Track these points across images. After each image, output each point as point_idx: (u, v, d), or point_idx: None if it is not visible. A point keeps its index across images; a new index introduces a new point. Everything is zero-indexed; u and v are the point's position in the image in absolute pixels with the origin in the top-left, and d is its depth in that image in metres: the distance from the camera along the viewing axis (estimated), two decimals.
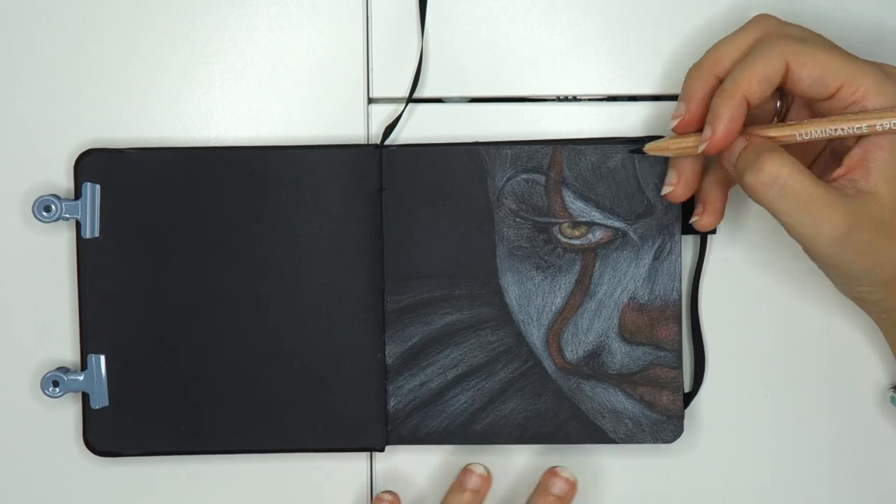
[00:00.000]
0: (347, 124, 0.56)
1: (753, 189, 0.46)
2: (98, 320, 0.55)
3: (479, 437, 0.55)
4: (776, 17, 0.49)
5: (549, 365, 0.55)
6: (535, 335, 0.55)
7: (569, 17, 0.55)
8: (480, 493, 0.54)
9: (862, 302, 0.50)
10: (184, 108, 0.56)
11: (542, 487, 0.54)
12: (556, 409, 0.55)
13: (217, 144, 0.56)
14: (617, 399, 0.55)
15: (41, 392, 0.55)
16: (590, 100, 0.56)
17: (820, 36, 0.48)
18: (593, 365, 0.55)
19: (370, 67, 0.56)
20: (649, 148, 0.51)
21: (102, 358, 0.55)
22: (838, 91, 0.46)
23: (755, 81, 0.46)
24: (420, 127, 0.56)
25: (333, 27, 0.55)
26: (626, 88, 0.56)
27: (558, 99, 0.56)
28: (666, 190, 0.52)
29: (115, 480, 0.57)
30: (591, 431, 0.55)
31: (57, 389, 0.55)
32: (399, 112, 0.55)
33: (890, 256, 0.47)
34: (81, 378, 0.55)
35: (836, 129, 0.46)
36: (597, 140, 0.54)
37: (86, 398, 0.55)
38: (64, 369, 0.55)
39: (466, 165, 0.54)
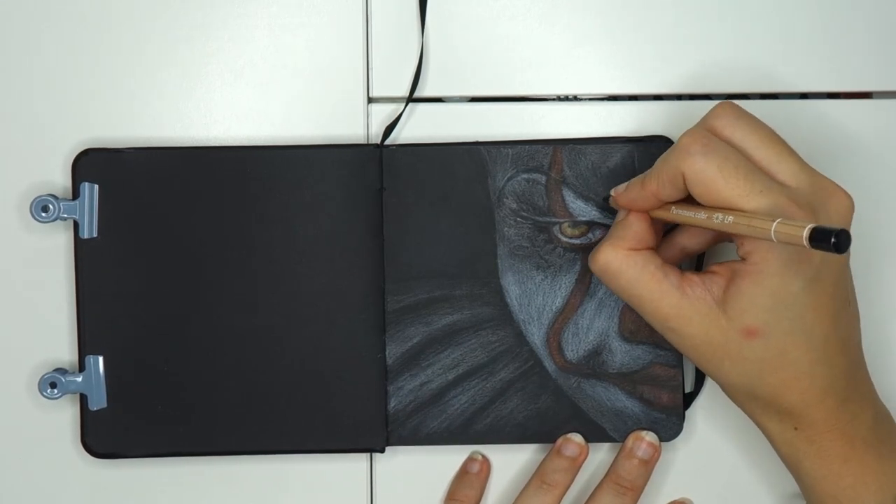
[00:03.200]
0: (347, 124, 0.56)
1: (591, 266, 0.50)
2: (96, 321, 0.55)
3: (479, 437, 0.55)
4: (732, 110, 0.48)
5: (549, 364, 0.55)
6: (536, 335, 0.55)
7: (569, 17, 0.55)
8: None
9: None
10: (183, 108, 0.56)
11: (626, 451, 0.55)
12: (557, 409, 0.55)
13: (217, 144, 0.55)
14: (617, 398, 0.55)
15: (39, 394, 0.55)
16: (590, 99, 0.56)
17: (766, 138, 0.47)
18: (594, 364, 0.55)
19: (370, 67, 0.56)
20: (611, 201, 0.53)
21: (101, 359, 0.55)
22: (724, 210, 0.46)
23: (660, 185, 0.48)
24: (420, 127, 0.56)
25: (333, 27, 0.55)
26: (626, 88, 0.56)
27: (558, 99, 0.56)
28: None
29: (113, 482, 0.56)
30: (591, 430, 0.55)
31: (55, 391, 0.55)
32: (399, 112, 0.55)
33: (715, 371, 0.49)
34: (79, 379, 0.55)
35: (712, 219, 0.46)
36: (597, 140, 0.55)
37: (84, 400, 0.55)
38: (62, 370, 0.55)
39: (467, 165, 0.55)
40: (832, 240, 0.40)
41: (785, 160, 0.47)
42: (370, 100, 0.56)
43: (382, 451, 0.55)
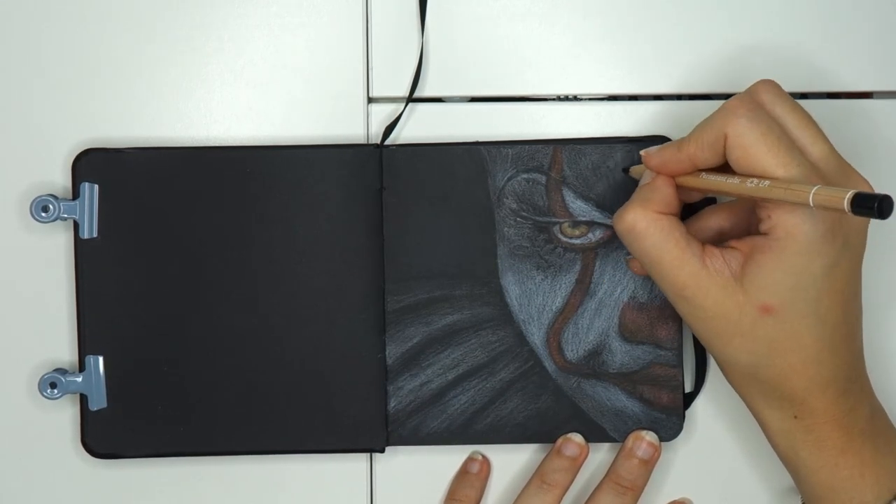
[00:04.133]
0: (347, 124, 0.56)
1: (614, 227, 0.49)
2: (96, 321, 0.55)
3: (479, 437, 0.55)
4: (773, 88, 0.48)
5: (549, 364, 0.55)
6: (536, 335, 0.55)
7: (569, 17, 0.55)
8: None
9: None
10: (183, 108, 0.56)
11: (626, 451, 0.55)
12: (557, 409, 0.55)
13: (217, 144, 0.55)
14: (617, 398, 0.55)
15: (39, 394, 0.55)
16: (590, 99, 0.56)
17: (803, 120, 0.48)
18: (594, 364, 0.55)
19: (370, 67, 0.56)
20: (633, 171, 0.53)
21: (101, 359, 0.55)
22: (751, 176, 0.46)
23: (699, 148, 0.48)
24: (420, 127, 0.56)
25: (333, 27, 0.55)
26: (626, 88, 0.56)
27: (558, 99, 0.56)
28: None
29: (113, 482, 0.56)
30: (591, 430, 0.55)
31: (55, 391, 0.55)
32: (399, 112, 0.55)
33: (723, 347, 0.48)
34: (79, 379, 0.55)
35: (746, 182, 0.46)
36: (597, 140, 0.55)
37: (84, 400, 0.55)
38: (62, 371, 0.55)
39: (467, 165, 0.54)
40: (875, 205, 0.39)
41: (819, 143, 0.47)
42: (370, 100, 0.56)
43: (382, 451, 0.55)
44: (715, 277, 0.47)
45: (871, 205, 0.40)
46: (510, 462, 0.57)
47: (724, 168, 0.48)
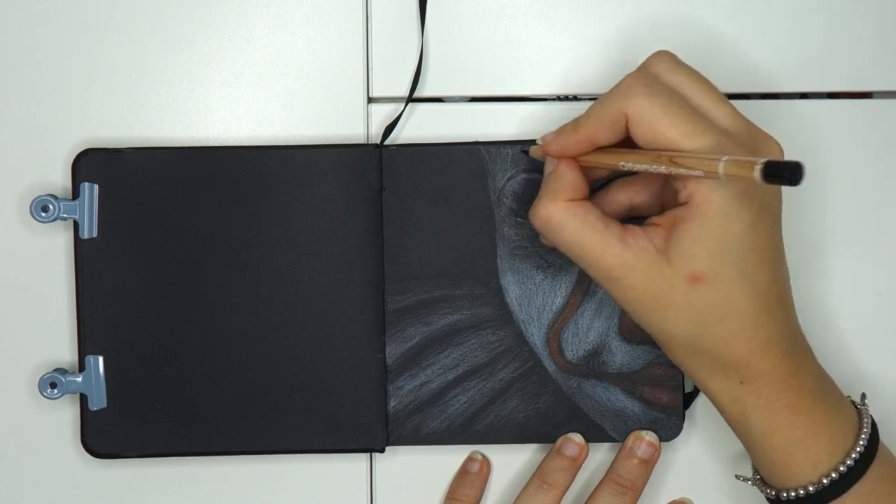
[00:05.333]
0: (347, 124, 0.56)
1: (531, 222, 0.49)
2: (96, 321, 0.55)
3: (479, 437, 0.55)
4: (668, 59, 0.48)
5: (549, 364, 0.55)
6: (536, 335, 0.55)
7: (569, 17, 0.55)
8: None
9: None
10: (183, 108, 0.56)
11: (626, 450, 0.55)
12: (557, 409, 0.55)
13: (217, 144, 0.55)
14: (617, 398, 0.55)
15: (39, 394, 0.55)
16: (590, 99, 0.56)
17: (702, 86, 0.48)
18: (593, 364, 0.55)
19: (370, 67, 0.56)
20: (531, 151, 0.53)
21: (101, 359, 0.55)
22: (664, 152, 0.46)
23: (598, 128, 0.47)
24: (420, 127, 0.56)
25: (333, 27, 0.55)
26: None
27: (558, 99, 0.56)
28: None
29: (113, 482, 0.56)
30: (591, 430, 0.55)
31: (55, 391, 0.55)
32: (399, 112, 0.55)
33: (658, 323, 0.48)
34: (79, 379, 0.55)
35: (651, 164, 0.46)
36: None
37: (84, 400, 0.55)
38: (62, 370, 0.55)
39: (467, 165, 0.54)
40: (787, 172, 0.39)
41: (721, 106, 0.47)
42: (370, 100, 0.56)
43: (382, 451, 0.55)
44: (640, 255, 0.47)
45: (781, 172, 0.40)
46: (510, 462, 0.57)
47: (625, 143, 0.47)
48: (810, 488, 0.48)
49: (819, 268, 0.56)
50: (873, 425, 0.50)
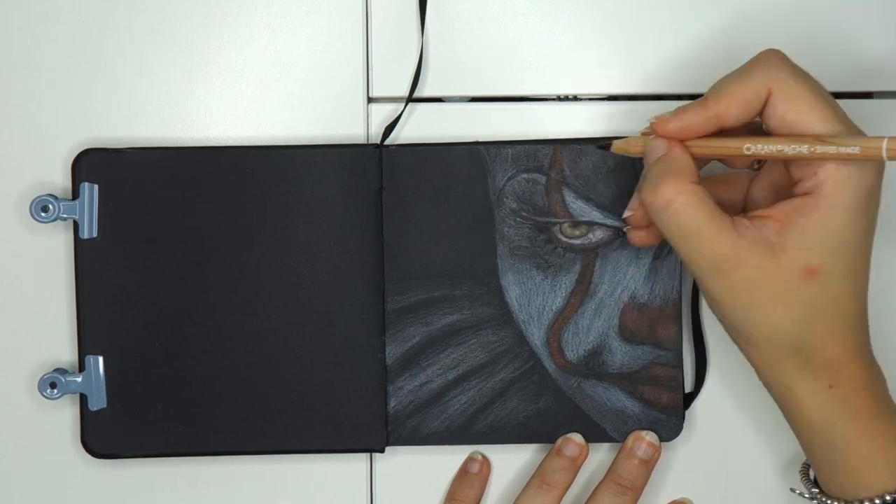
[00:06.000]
0: (347, 124, 0.56)
1: (647, 205, 0.46)
2: (96, 321, 0.55)
3: (479, 437, 0.55)
4: (782, 54, 0.47)
5: (549, 364, 0.55)
6: (536, 335, 0.55)
7: (569, 17, 0.55)
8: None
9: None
10: (183, 108, 0.56)
11: (627, 451, 0.55)
12: (557, 409, 0.55)
13: (217, 144, 0.55)
14: (617, 398, 0.55)
15: (39, 394, 0.55)
16: (590, 100, 0.56)
17: (822, 88, 0.46)
18: (594, 364, 0.55)
19: (370, 67, 0.56)
20: (616, 146, 0.51)
21: (100, 359, 0.55)
22: (806, 136, 0.45)
23: (733, 104, 0.46)
24: (420, 127, 0.56)
25: (333, 27, 0.55)
26: (626, 88, 0.56)
27: (558, 99, 0.56)
28: (627, 213, 0.50)
29: (113, 482, 0.56)
30: (591, 430, 0.55)
31: (55, 391, 0.55)
32: (399, 112, 0.55)
33: (764, 318, 0.46)
34: (79, 379, 0.54)
35: (787, 147, 0.44)
36: (597, 140, 0.54)
37: (83, 400, 0.55)
38: (62, 371, 0.55)
39: (467, 165, 0.54)
40: None
41: (837, 106, 0.46)
42: (370, 100, 0.56)
43: (382, 451, 0.55)
44: (753, 246, 0.45)
45: None
46: (510, 462, 0.57)
47: (744, 129, 0.46)
48: (887, 497, 0.47)
49: None
50: None
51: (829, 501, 0.49)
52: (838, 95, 0.55)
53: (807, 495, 0.51)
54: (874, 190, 0.45)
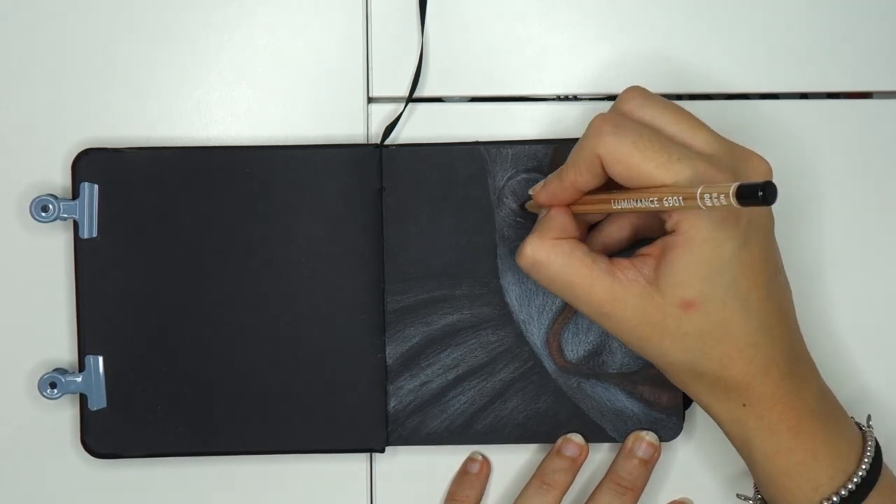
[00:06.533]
0: (347, 124, 0.56)
1: (520, 268, 0.49)
2: (96, 321, 0.55)
3: (479, 437, 0.55)
4: (639, 94, 0.48)
5: (549, 364, 0.55)
6: (536, 335, 0.55)
7: (569, 17, 0.55)
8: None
9: None
10: (183, 108, 0.56)
11: (626, 451, 0.55)
12: (557, 409, 0.55)
13: (216, 144, 0.55)
14: (617, 398, 0.55)
15: (38, 394, 0.55)
16: (590, 100, 0.56)
17: (676, 115, 0.47)
18: (593, 364, 0.55)
19: (370, 67, 0.56)
20: (528, 206, 0.54)
21: (100, 359, 0.55)
22: (648, 189, 0.46)
23: (578, 174, 0.48)
24: (420, 127, 0.56)
25: (333, 27, 0.55)
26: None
27: (558, 99, 0.56)
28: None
29: (113, 482, 0.56)
30: (591, 430, 0.55)
31: (54, 391, 0.55)
32: (399, 112, 0.55)
33: (656, 351, 0.48)
34: (79, 379, 0.54)
35: (637, 202, 0.46)
36: None
37: (83, 400, 0.55)
38: (61, 370, 0.55)
39: (467, 165, 0.54)
40: (759, 193, 0.39)
41: (699, 132, 0.47)
42: (370, 100, 0.56)
43: (382, 451, 0.55)
44: (629, 287, 0.47)
45: (754, 193, 0.40)
46: (510, 462, 0.57)
47: (610, 184, 0.48)
48: None
49: (820, 275, 0.56)
50: (877, 448, 0.50)
51: None
52: (838, 95, 0.56)
53: (751, 500, 0.53)
54: (732, 214, 0.45)
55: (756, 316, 0.47)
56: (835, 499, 0.48)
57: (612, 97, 0.56)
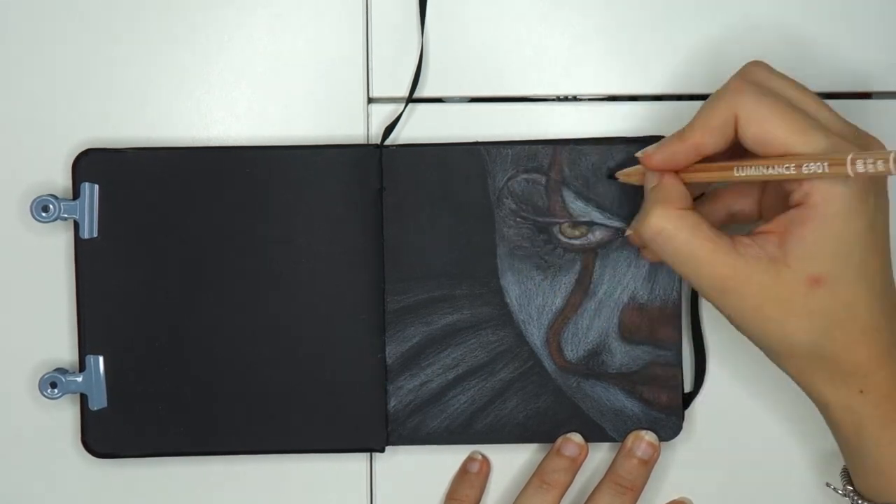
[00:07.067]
0: (347, 124, 0.56)
1: (640, 236, 0.48)
2: (96, 321, 0.55)
3: (479, 436, 0.55)
4: (765, 67, 0.48)
5: (549, 364, 0.55)
6: (536, 335, 0.55)
7: (569, 17, 0.55)
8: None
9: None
10: (183, 108, 0.56)
11: (626, 450, 0.55)
12: (557, 409, 0.55)
13: (217, 144, 0.55)
14: (617, 398, 0.55)
15: (39, 393, 0.55)
16: (590, 100, 0.56)
17: (802, 92, 0.47)
18: (593, 364, 0.55)
19: (370, 67, 0.56)
20: (620, 175, 0.53)
21: (101, 359, 0.55)
22: (783, 156, 0.46)
23: (707, 133, 0.47)
24: (420, 127, 0.56)
25: (333, 27, 0.55)
26: (626, 88, 0.56)
27: (558, 99, 0.56)
28: (627, 232, 0.52)
29: (113, 482, 0.56)
30: (591, 430, 0.55)
31: (55, 391, 0.55)
32: (399, 112, 0.55)
33: (779, 331, 0.47)
34: (80, 379, 0.55)
35: (767, 169, 0.45)
36: (597, 140, 0.55)
37: (84, 399, 0.55)
38: (62, 370, 0.55)
39: (467, 165, 0.55)
40: None
41: (823, 110, 0.47)
42: (370, 100, 0.56)
43: (382, 450, 0.55)
44: (754, 264, 0.46)
45: None
46: (510, 462, 0.57)
47: (729, 153, 0.47)
48: None
49: None
50: None
51: (860, 501, 0.50)
52: (838, 96, 0.56)
53: (840, 492, 0.51)
54: (865, 190, 0.45)
55: (881, 299, 0.46)
56: None
57: (612, 97, 0.56)
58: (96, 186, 0.54)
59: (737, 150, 0.47)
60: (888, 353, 0.47)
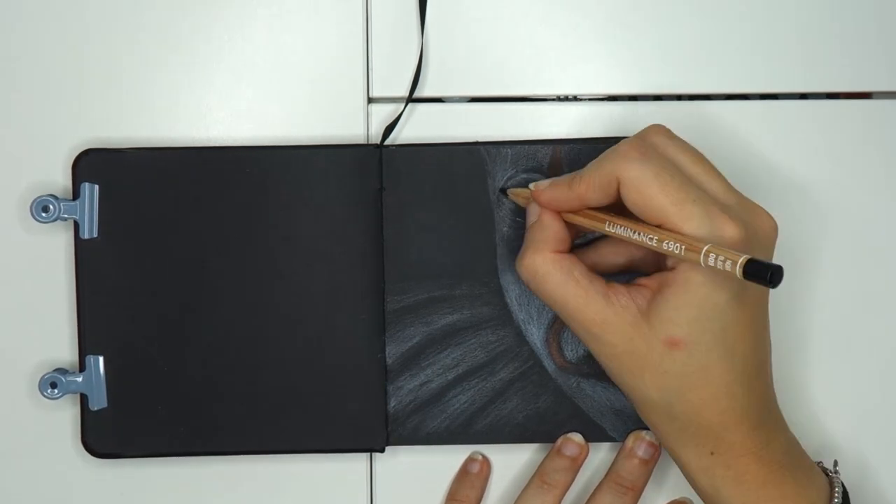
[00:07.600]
0: (347, 124, 0.56)
1: (518, 273, 0.50)
2: (97, 321, 0.55)
3: (479, 436, 0.55)
4: (663, 132, 0.49)
5: (549, 364, 0.55)
6: (536, 334, 0.55)
7: (569, 17, 0.56)
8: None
9: None
10: (183, 108, 0.56)
11: (627, 450, 0.55)
12: (557, 409, 0.55)
13: (217, 144, 0.55)
14: (617, 398, 0.55)
15: (39, 394, 0.55)
16: (590, 100, 0.56)
17: (695, 160, 0.48)
18: (593, 364, 0.55)
19: (370, 67, 0.56)
20: (510, 193, 0.54)
21: (101, 359, 0.55)
22: (661, 225, 0.46)
23: (591, 189, 0.48)
24: (420, 127, 0.56)
25: (333, 27, 0.55)
26: (626, 88, 0.56)
27: (558, 99, 0.56)
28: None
29: (113, 482, 0.56)
30: (591, 430, 0.55)
31: (55, 391, 0.55)
32: (399, 112, 0.55)
33: (634, 383, 0.48)
34: (80, 379, 0.55)
35: (634, 234, 0.46)
36: (597, 140, 0.55)
37: (84, 400, 0.55)
38: (62, 370, 0.55)
39: (467, 165, 0.55)
40: (768, 275, 0.40)
41: (714, 179, 0.48)
42: (370, 100, 0.56)
43: (382, 450, 0.55)
44: (621, 313, 0.47)
45: (763, 274, 0.40)
46: (510, 462, 0.57)
47: (612, 207, 0.48)
48: None
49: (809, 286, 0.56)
50: (844, 494, 0.50)
51: None
52: (838, 95, 0.56)
53: None
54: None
55: (738, 367, 0.47)
56: None
57: (612, 97, 0.56)
58: (96, 186, 0.54)
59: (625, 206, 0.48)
60: (740, 417, 0.48)
